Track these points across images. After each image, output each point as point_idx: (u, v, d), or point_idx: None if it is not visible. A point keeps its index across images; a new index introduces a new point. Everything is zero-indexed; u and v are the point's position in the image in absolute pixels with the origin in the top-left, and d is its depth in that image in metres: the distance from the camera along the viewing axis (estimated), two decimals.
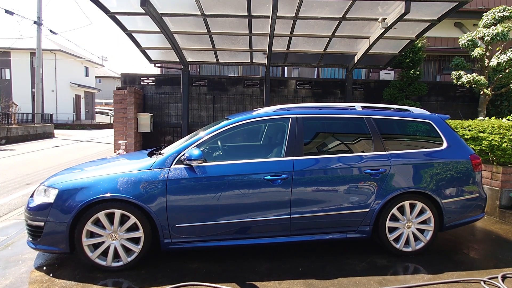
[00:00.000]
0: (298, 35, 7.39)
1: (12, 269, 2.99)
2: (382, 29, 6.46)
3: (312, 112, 3.43)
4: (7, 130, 14.38)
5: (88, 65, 33.62)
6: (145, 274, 2.88)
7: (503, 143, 4.61)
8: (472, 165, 3.42)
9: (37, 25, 17.15)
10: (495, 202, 4.72)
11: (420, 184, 3.27)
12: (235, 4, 6.20)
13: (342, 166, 3.21)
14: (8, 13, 15.51)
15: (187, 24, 7.01)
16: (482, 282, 2.81)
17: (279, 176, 3.06)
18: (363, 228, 3.26)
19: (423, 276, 2.93)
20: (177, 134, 9.15)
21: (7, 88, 26.73)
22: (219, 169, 3.06)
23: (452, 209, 3.36)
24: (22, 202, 5.27)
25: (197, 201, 2.98)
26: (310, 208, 3.13)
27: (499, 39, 6.85)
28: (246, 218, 3.05)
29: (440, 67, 11.70)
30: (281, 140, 3.39)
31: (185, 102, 8.71)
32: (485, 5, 10.15)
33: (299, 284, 2.76)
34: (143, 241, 2.91)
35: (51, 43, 27.38)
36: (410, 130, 3.62)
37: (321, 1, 6.09)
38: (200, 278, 2.80)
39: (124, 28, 7.08)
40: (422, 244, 3.33)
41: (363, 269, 3.04)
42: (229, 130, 3.25)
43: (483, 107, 7.79)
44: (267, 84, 8.74)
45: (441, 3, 6.05)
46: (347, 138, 3.58)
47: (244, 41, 7.73)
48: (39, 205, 2.88)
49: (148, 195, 2.88)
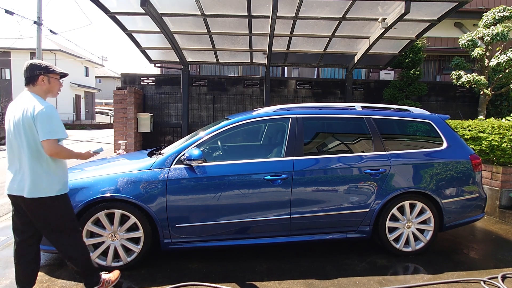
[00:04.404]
0: (298, 35, 7.38)
1: (12, 269, 2.99)
2: (382, 29, 6.46)
3: (312, 112, 3.43)
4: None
5: (88, 65, 33.61)
6: (145, 274, 2.89)
7: (503, 143, 4.61)
8: (472, 165, 3.42)
9: (37, 25, 17.15)
10: (495, 202, 4.72)
11: (420, 184, 3.27)
12: (235, 4, 6.20)
13: (342, 166, 3.21)
14: (8, 13, 15.50)
15: (187, 24, 7.01)
16: (482, 282, 2.81)
17: (279, 176, 3.06)
18: (363, 228, 3.26)
19: (423, 276, 2.93)
20: (177, 134, 9.15)
21: (7, 88, 26.73)
22: (219, 169, 3.06)
23: (452, 209, 3.36)
24: None
25: (197, 201, 2.98)
26: (310, 208, 3.13)
27: (499, 39, 6.84)
28: (246, 218, 3.05)
29: (440, 67, 11.70)
30: (281, 140, 3.39)
31: (185, 102, 8.71)
32: (485, 5, 10.15)
33: (299, 284, 2.76)
34: (143, 241, 2.91)
35: (51, 43, 27.37)
36: (410, 130, 3.62)
37: (321, 1, 6.08)
38: (200, 278, 2.81)
39: (124, 28, 7.08)
40: (422, 244, 3.34)
41: (363, 269, 3.04)
42: (229, 130, 3.25)
43: (483, 107, 7.79)
44: (267, 84, 8.74)
45: (441, 3, 6.05)
46: (347, 138, 3.58)
47: (244, 41, 7.73)
48: None
49: (148, 195, 2.88)
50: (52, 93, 2.32)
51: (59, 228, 2.29)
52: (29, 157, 2.16)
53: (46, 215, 2.25)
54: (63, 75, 2.37)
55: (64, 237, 2.31)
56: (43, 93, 2.28)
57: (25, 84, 2.26)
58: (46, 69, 2.25)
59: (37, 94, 2.24)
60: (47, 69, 2.26)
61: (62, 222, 2.30)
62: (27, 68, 2.23)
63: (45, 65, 2.27)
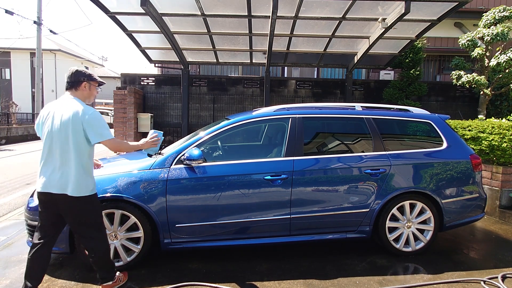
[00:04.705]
0: (298, 35, 7.39)
1: (12, 269, 3.00)
2: (382, 29, 6.46)
3: (312, 112, 3.43)
4: (7, 130, 14.38)
5: (88, 65, 33.61)
6: (145, 274, 2.88)
7: (503, 143, 4.62)
8: (472, 165, 3.41)
9: (37, 25, 17.15)
10: (495, 202, 4.72)
11: (420, 184, 3.27)
12: (235, 4, 6.20)
13: (342, 166, 3.21)
14: (8, 13, 15.50)
15: (187, 24, 7.01)
16: (482, 282, 2.81)
17: (279, 176, 3.06)
18: (363, 228, 3.26)
19: (423, 276, 2.93)
20: (177, 134, 9.15)
21: (7, 88, 26.72)
22: (219, 169, 3.06)
23: (452, 209, 3.36)
24: (22, 202, 5.27)
25: (197, 201, 2.98)
26: (310, 208, 3.13)
27: (499, 39, 6.84)
28: (246, 218, 3.05)
29: (440, 67, 11.70)
30: (281, 140, 3.39)
31: (185, 102, 8.71)
32: (485, 5, 10.15)
33: (299, 284, 2.76)
34: (143, 241, 2.91)
35: (51, 43, 27.37)
36: (410, 130, 3.62)
37: (321, 1, 6.09)
38: (200, 278, 2.81)
39: (124, 28, 7.08)
40: (422, 244, 3.33)
41: (363, 269, 3.04)
42: (229, 130, 3.25)
43: (483, 107, 7.79)
44: (267, 84, 8.74)
45: (441, 3, 6.05)
46: (347, 138, 3.58)
47: (244, 41, 7.73)
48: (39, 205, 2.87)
49: (148, 195, 2.88)
50: (89, 99, 2.48)
51: (91, 222, 2.43)
52: (75, 157, 2.30)
53: (84, 212, 2.38)
54: (101, 83, 2.56)
55: (94, 231, 2.45)
56: (83, 98, 2.44)
57: (67, 88, 2.42)
58: (89, 77, 2.45)
59: (79, 98, 2.41)
60: (90, 77, 2.46)
61: (95, 217, 2.46)
62: (73, 73, 2.40)
63: (89, 73, 2.47)
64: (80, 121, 2.27)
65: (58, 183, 2.28)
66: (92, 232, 2.44)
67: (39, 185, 2.33)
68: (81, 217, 2.39)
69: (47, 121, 2.34)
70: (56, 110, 2.34)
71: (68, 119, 2.27)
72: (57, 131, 2.29)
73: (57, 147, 2.29)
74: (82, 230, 2.42)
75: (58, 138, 2.29)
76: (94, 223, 2.45)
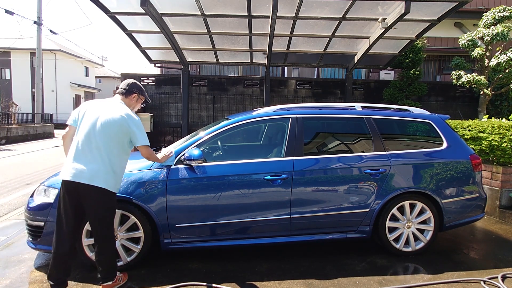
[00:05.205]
0: (298, 35, 7.39)
1: (12, 269, 2.99)
2: (382, 29, 6.47)
3: (312, 112, 3.43)
4: (7, 130, 14.38)
5: (88, 65, 33.62)
6: (145, 274, 2.88)
7: (503, 143, 4.61)
8: (472, 165, 3.41)
9: (37, 25, 17.15)
10: (495, 202, 4.72)
11: (420, 184, 3.27)
12: (235, 4, 6.20)
13: (342, 166, 3.21)
14: (8, 13, 15.51)
15: (187, 24, 7.01)
16: (482, 282, 2.81)
17: (279, 176, 3.06)
18: (363, 228, 3.26)
19: (423, 276, 2.93)
20: (177, 134, 9.16)
21: (7, 88, 26.73)
22: (219, 169, 3.06)
23: (452, 209, 3.36)
24: (22, 202, 5.27)
25: (197, 201, 2.98)
26: (310, 208, 3.13)
27: (499, 39, 6.84)
28: (246, 218, 3.05)
29: (440, 67, 11.70)
30: (281, 140, 3.39)
31: (185, 102, 8.71)
32: (485, 5, 10.15)
33: (299, 284, 2.76)
34: (143, 241, 2.91)
35: (51, 43, 27.36)
36: (410, 130, 3.62)
37: (321, 1, 6.09)
38: (200, 278, 2.81)
39: (124, 28, 7.08)
40: (422, 244, 3.33)
41: (363, 269, 3.04)
42: (229, 130, 3.25)
43: (483, 107, 7.79)
44: (267, 84, 8.74)
45: (441, 3, 6.05)
46: (347, 138, 3.58)
47: (244, 41, 7.73)
48: (39, 205, 2.88)
49: (148, 195, 2.88)
50: (132, 109, 2.68)
51: (109, 221, 2.54)
52: (114, 154, 2.45)
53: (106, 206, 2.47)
54: (146, 101, 2.83)
55: (109, 231, 2.54)
56: (130, 106, 2.66)
57: (120, 93, 2.66)
58: (141, 92, 2.73)
59: (126, 105, 2.63)
60: (141, 92, 2.74)
61: (111, 216, 2.56)
62: (129, 84, 2.68)
63: (142, 88, 2.76)
64: (129, 123, 2.46)
65: (90, 173, 2.36)
66: (107, 232, 2.52)
67: (68, 174, 2.37)
68: (103, 211, 2.46)
69: (91, 115, 2.46)
70: (104, 108, 2.49)
71: (118, 118, 2.44)
72: (104, 127, 2.41)
73: (98, 141, 2.40)
74: (101, 228, 2.48)
75: (101, 133, 2.40)
76: (110, 222, 2.54)
